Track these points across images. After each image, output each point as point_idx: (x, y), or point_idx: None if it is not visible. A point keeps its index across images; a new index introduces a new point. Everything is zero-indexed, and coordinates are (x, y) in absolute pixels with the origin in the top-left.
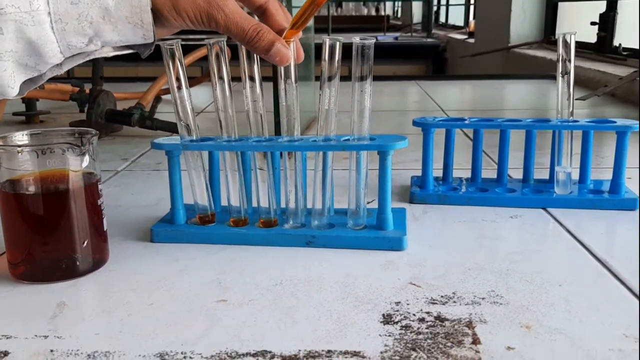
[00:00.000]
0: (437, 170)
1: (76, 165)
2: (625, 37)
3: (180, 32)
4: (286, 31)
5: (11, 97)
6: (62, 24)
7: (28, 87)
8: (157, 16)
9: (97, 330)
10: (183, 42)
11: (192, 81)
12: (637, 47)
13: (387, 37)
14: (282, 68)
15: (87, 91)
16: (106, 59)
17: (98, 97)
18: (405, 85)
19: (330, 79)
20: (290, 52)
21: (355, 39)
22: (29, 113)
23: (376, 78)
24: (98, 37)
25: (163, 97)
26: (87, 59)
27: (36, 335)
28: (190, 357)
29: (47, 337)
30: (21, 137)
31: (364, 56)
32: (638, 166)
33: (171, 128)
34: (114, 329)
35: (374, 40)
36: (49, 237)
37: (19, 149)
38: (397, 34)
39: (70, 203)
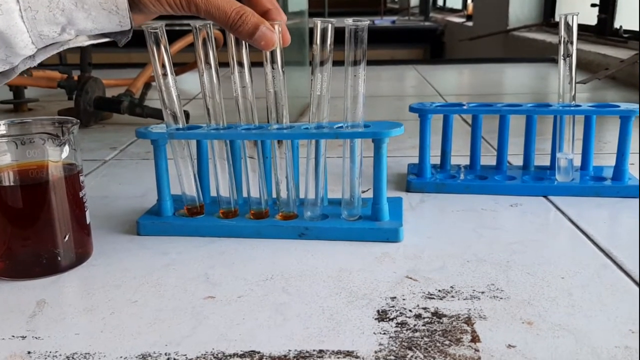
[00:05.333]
0: (434, 157)
1: (56, 156)
2: (626, 19)
3: (159, 17)
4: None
5: None
6: (32, 12)
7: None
8: (134, 1)
9: (78, 330)
10: (168, 28)
11: (183, 67)
12: (638, 29)
13: (384, 21)
14: (269, 53)
15: (76, 78)
16: (94, 45)
17: (86, 84)
18: (403, 70)
19: (322, 63)
20: (276, 35)
21: (348, 21)
22: (16, 101)
23: (373, 63)
24: (71, 25)
25: (153, 83)
26: (62, 49)
27: (13, 336)
28: (175, 359)
29: (25, 338)
30: None
31: (358, 39)
32: (638, 152)
33: (162, 115)
34: (95, 329)
35: (367, 22)
36: (29, 231)
37: None
38: (394, 18)
39: (50, 195)
